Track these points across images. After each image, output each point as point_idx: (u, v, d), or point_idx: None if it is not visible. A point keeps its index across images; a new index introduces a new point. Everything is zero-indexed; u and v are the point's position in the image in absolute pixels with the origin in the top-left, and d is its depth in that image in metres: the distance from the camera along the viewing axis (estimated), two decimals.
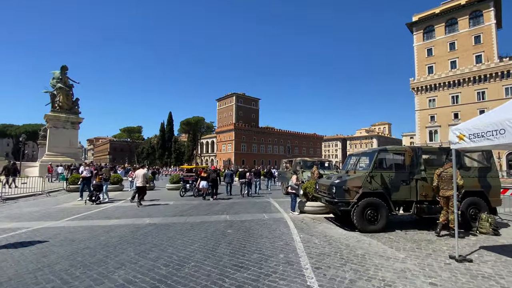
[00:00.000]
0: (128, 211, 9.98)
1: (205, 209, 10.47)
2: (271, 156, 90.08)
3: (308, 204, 9.25)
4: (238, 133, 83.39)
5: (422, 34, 58.49)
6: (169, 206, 11.39)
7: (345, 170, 8.39)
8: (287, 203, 11.94)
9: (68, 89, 29.84)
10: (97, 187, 12.03)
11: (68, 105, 29.71)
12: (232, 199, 14.03)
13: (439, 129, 55.53)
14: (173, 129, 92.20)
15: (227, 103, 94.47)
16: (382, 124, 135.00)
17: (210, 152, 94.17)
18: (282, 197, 14.90)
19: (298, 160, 14.11)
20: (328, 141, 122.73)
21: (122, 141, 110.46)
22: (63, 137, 28.75)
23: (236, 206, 11.29)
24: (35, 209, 10.25)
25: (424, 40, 58.22)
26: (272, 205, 11.55)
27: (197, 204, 11.94)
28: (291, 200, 9.67)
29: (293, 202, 9.58)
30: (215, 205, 11.53)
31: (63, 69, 29.66)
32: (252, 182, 15.52)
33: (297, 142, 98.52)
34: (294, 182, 9.57)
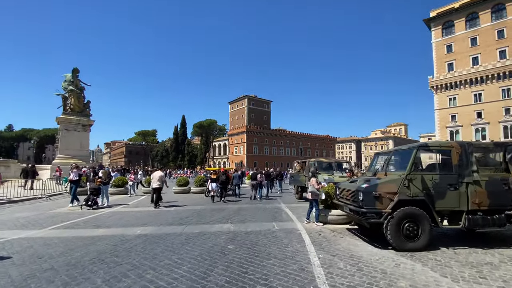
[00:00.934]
0: (123, 218, 8.85)
1: (208, 216, 9.20)
2: (283, 158, 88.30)
3: (333, 213, 7.76)
4: (250, 135, 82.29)
5: (440, 30, 55.42)
6: (174, 211, 10.21)
7: (371, 171, 6.89)
8: (301, 209, 10.51)
9: (80, 91, 29.66)
10: (95, 190, 11.01)
11: (79, 107, 29.50)
12: (240, 201, 12.72)
13: (460, 129, 52.08)
14: (186, 132, 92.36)
15: (239, 105, 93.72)
16: (398, 125, 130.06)
17: (223, 154, 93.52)
18: (295, 201, 13.44)
19: (313, 161, 12.62)
20: (342, 143, 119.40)
21: (137, 144, 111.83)
22: (74, 140, 28.50)
23: (243, 212, 9.95)
24: (24, 215, 9.32)
25: (443, 36, 55.09)
26: (284, 212, 10.13)
27: (201, 209, 10.69)
28: (311, 207, 8.01)
29: (316, 211, 7.81)
30: (220, 211, 10.24)
31: (74, 71, 29.51)
32: (264, 184, 14.83)
33: (309, 144, 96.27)
34: (316, 187, 7.90)
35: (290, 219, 8.73)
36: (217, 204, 12.37)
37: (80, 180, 11.77)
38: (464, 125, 51.16)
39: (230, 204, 12.23)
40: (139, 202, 13.01)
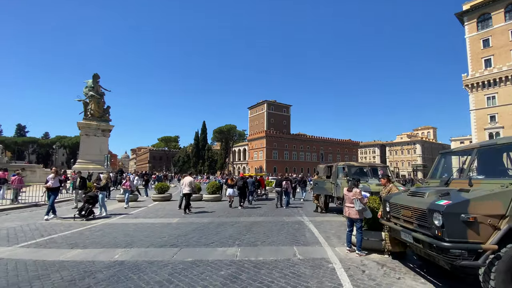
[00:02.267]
0: (111, 234, 7.21)
1: (212, 233, 7.32)
2: (304, 164, 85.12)
3: (374, 235, 5.58)
4: (270, 140, 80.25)
5: (475, 24, 50.44)
6: (175, 224, 8.47)
7: (438, 179, 4.66)
8: (328, 225, 8.33)
9: (99, 97, 29.47)
10: (91, 198, 9.59)
11: (99, 113, 29.27)
12: (256, 211, 10.68)
13: (501, 131, 46.40)
14: (206, 137, 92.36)
15: (259, 110, 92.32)
16: (426, 129, 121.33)
17: (242, 160, 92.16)
18: (318, 214, 11.21)
19: (341, 165, 10.37)
20: (365, 148, 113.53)
21: (160, 150, 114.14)
22: (94, 145, 28.15)
23: (256, 228, 7.97)
24: (12, 225, 8.04)
25: (479, 30, 49.99)
26: (307, 229, 7.99)
27: (207, 223, 8.84)
28: (351, 229, 5.69)
29: (358, 235, 5.44)
30: (229, 226, 8.33)
31: (95, 77, 29.43)
32: (290, 191, 13.78)
33: (331, 149, 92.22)
34: (363, 201, 5.44)
35: (317, 241, 6.60)
36: (230, 214, 10.51)
37: (60, 189, 10.06)
38: (505, 126, 45.58)
39: (243, 217, 10.29)
40: (144, 212, 11.45)
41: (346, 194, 5.64)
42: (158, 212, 11.18)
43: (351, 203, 5.48)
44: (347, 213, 5.55)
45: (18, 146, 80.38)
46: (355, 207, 5.37)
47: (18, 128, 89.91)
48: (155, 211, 11.49)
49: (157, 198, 15.47)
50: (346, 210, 5.59)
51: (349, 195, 5.55)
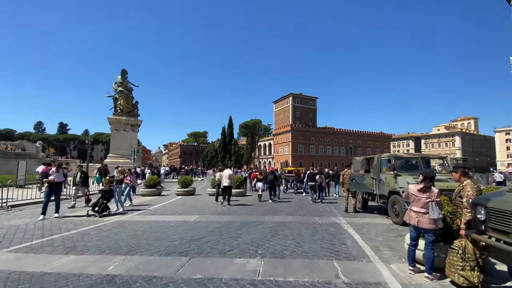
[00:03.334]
0: (118, 235, 6.28)
1: (232, 236, 6.08)
2: (331, 158, 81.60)
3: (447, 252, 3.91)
4: (295, 134, 77.87)
5: None
6: (193, 223, 7.41)
7: None
8: (371, 228, 6.69)
9: (128, 92, 29.81)
10: (106, 193, 8.87)
11: (128, 108, 29.66)
12: (283, 207, 9.26)
13: None
14: (233, 132, 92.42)
15: (284, 104, 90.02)
16: (466, 119, 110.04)
17: (268, 154, 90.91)
18: (356, 214, 9.51)
19: (386, 157, 8.52)
20: (398, 141, 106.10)
21: (190, 145, 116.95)
22: (124, 139, 28.60)
23: (283, 231, 6.58)
24: (15, 223, 7.49)
25: None
26: (347, 234, 6.42)
27: (227, 222, 7.65)
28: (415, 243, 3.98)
29: (429, 251, 3.76)
30: (252, 226, 7.05)
31: (123, 73, 29.76)
32: (324, 186, 12.88)
33: (360, 142, 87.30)
34: (441, 206, 3.81)
35: (362, 252, 5.03)
36: (254, 212, 9.25)
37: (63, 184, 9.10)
38: None
39: (268, 215, 8.97)
40: (164, 208, 10.62)
41: (414, 194, 3.99)
42: (178, 208, 10.26)
43: (422, 208, 3.84)
44: (415, 221, 3.90)
45: (60, 142, 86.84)
46: (430, 214, 3.73)
47: (60, 126, 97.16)
48: (175, 207, 10.60)
49: (180, 192, 14.73)
50: (414, 217, 3.93)
51: (420, 196, 3.90)
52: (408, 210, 4.10)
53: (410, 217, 3.96)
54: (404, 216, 4.14)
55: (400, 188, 7.46)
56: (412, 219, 3.90)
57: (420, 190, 3.90)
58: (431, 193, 3.79)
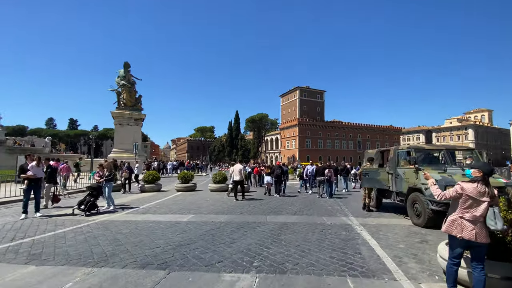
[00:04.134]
0: (97, 238, 5.48)
1: (225, 241, 5.18)
2: (339, 152, 79.90)
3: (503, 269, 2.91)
4: (302, 128, 76.38)
5: None
6: (184, 224, 6.56)
7: None
8: (390, 232, 5.65)
9: (131, 86, 29.19)
10: (93, 190, 8.13)
11: (131, 102, 29.08)
12: (286, 205, 8.29)
13: None
14: (239, 127, 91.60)
15: (291, 98, 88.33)
16: (479, 112, 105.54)
17: (275, 148, 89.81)
18: (370, 214, 8.47)
19: (404, 149, 7.38)
20: (408, 134, 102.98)
21: (197, 140, 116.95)
22: (127, 134, 28.11)
23: (285, 236, 5.64)
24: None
25: None
26: (361, 240, 5.42)
27: (223, 223, 6.77)
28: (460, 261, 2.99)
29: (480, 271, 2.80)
30: (250, 229, 6.14)
31: (126, 66, 29.09)
32: (333, 180, 12.48)
33: (369, 136, 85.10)
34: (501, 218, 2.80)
35: (383, 265, 4.03)
36: (254, 210, 8.34)
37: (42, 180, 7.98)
38: None
39: (271, 215, 8.05)
40: (158, 205, 9.85)
41: (473, 196, 2.90)
42: (174, 206, 9.46)
43: (482, 216, 2.82)
44: (471, 234, 2.79)
45: (71, 138, 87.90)
46: (491, 224, 2.72)
47: (71, 122, 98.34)
48: (171, 204, 9.81)
49: (180, 188, 13.97)
50: (469, 228, 2.83)
51: (482, 200, 2.83)
52: (451, 218, 3.06)
53: (462, 229, 2.90)
54: (446, 227, 3.10)
55: (423, 184, 6.39)
56: (467, 231, 2.84)
57: (481, 191, 2.85)
58: (491, 195, 2.77)
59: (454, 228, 2.99)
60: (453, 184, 5.79)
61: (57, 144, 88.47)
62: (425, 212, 6.24)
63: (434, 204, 5.99)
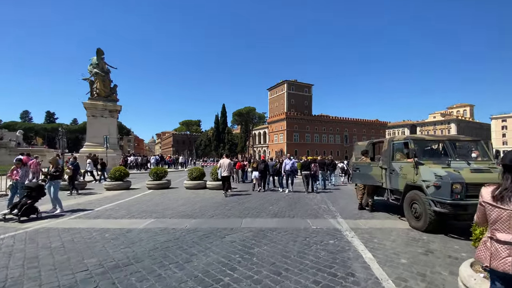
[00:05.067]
0: (9, 256, 4.15)
1: (179, 259, 3.97)
2: (327, 146, 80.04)
3: None
4: (290, 122, 75.70)
5: None
6: (143, 232, 5.29)
7: None
8: (386, 240, 4.54)
9: (104, 74, 26.91)
10: (32, 190, 6.66)
11: (105, 92, 26.86)
12: (267, 205, 7.16)
13: None
14: (226, 120, 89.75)
15: (278, 91, 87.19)
16: (461, 107, 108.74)
17: (263, 143, 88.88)
18: (362, 215, 7.50)
19: (401, 141, 6.36)
20: (393, 128, 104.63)
21: (183, 134, 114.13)
22: (102, 127, 25.93)
23: (259, 249, 4.48)
24: None
25: None
26: (353, 251, 4.35)
27: (191, 228, 5.55)
28: None
29: None
30: (216, 241, 4.95)
31: (99, 53, 26.71)
32: (318, 175, 12.43)
33: (355, 130, 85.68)
34: None
35: None
36: (230, 212, 7.16)
37: None
38: None
39: (247, 217, 6.89)
40: (118, 207, 8.47)
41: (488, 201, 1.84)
42: (135, 208, 8.10)
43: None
44: (503, 264, 1.75)
45: (48, 132, 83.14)
46: None
47: (48, 115, 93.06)
48: (133, 206, 8.45)
49: (152, 185, 12.56)
50: (501, 254, 1.79)
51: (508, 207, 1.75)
52: (482, 239, 1.98)
53: (491, 255, 1.82)
54: (479, 254, 2.00)
55: (424, 181, 5.39)
56: (499, 259, 1.76)
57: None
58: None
59: (481, 253, 1.91)
60: (462, 181, 4.83)
61: (34, 139, 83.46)
62: (426, 214, 5.26)
63: (438, 205, 5.02)
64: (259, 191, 11.80)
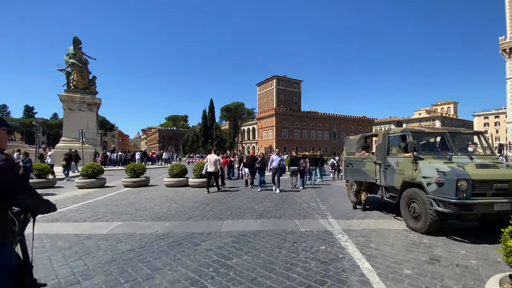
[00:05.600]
0: None
1: (138, 278, 3.24)
2: (315, 142, 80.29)
3: None
4: (279, 118, 75.25)
5: None
6: (105, 242, 4.48)
7: None
8: (385, 244, 3.88)
9: (82, 65, 25.32)
10: None
11: (83, 84, 25.33)
12: (252, 204, 6.48)
13: None
14: (214, 116, 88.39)
15: (268, 87, 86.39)
16: (445, 104, 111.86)
17: (252, 139, 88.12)
18: (354, 214, 6.95)
19: (398, 133, 5.79)
20: (380, 125, 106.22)
21: (169, 129, 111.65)
22: (79, 121, 24.44)
23: (238, 259, 3.80)
24: None
25: None
26: (348, 260, 3.73)
27: (157, 236, 4.79)
28: None
29: None
30: (188, 250, 4.22)
31: (76, 42, 25.09)
32: (307, 171, 12.19)
33: (343, 127, 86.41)
34: None
35: None
36: (209, 213, 6.43)
37: None
38: None
39: (229, 219, 6.19)
40: (83, 208, 7.56)
41: None
42: (102, 209, 7.22)
43: None
44: None
45: (27, 127, 79.07)
46: None
47: (26, 109, 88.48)
48: (101, 207, 7.55)
49: (128, 183, 11.61)
50: None
51: None
52: None
53: None
54: None
55: (424, 178, 4.86)
56: None
57: None
58: None
59: None
60: (468, 178, 4.30)
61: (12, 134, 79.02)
62: (427, 214, 4.73)
63: (441, 204, 4.49)
64: (251, 186, 11.84)
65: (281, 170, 10.87)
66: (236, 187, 11.90)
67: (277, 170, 10.56)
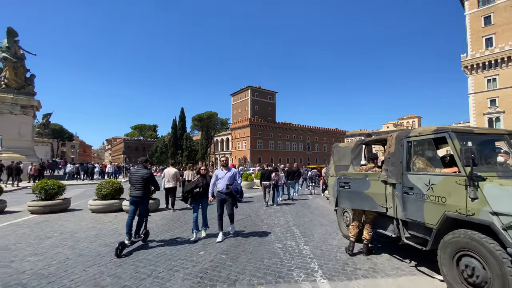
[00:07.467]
0: None
1: None
2: (290, 154, 79.30)
3: None
4: (254, 129, 73.40)
5: (476, 0, 45.32)
6: None
7: None
8: None
9: (16, 61, 21.09)
10: None
11: (17, 82, 21.03)
12: None
13: (502, 116, 42.46)
14: (185, 125, 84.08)
15: (242, 97, 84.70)
16: (411, 118, 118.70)
17: (225, 150, 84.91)
18: (355, 262, 4.52)
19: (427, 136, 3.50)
20: (352, 137, 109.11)
21: (136, 139, 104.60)
22: (10, 126, 20.00)
23: None
24: None
25: (480, 7, 44.94)
26: None
27: None
28: None
29: None
30: None
31: (10, 34, 20.91)
32: (280, 185, 11.00)
33: (317, 138, 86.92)
34: None
35: None
36: None
37: None
38: (507, 110, 41.48)
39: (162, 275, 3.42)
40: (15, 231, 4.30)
41: None
42: None
43: None
44: None
45: None
46: None
47: None
48: None
49: (36, 208, 8.22)
50: None
51: None
52: None
53: None
54: None
55: (498, 215, 2.60)
56: None
57: None
58: None
59: None
60: None
61: None
62: (507, 283, 2.44)
63: None
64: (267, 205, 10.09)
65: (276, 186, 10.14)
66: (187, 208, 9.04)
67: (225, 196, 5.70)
